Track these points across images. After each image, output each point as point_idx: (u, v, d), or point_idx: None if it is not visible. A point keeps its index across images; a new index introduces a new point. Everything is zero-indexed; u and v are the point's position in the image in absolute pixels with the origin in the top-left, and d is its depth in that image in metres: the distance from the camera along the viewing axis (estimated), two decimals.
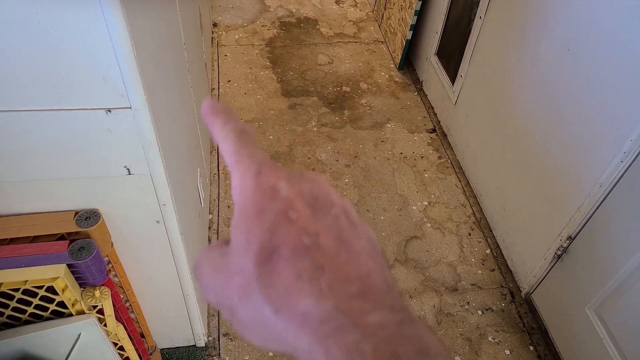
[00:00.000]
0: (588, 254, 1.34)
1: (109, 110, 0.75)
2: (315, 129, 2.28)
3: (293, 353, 0.22)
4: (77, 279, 0.90)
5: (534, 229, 1.59)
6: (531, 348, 1.55)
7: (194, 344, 1.44)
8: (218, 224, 1.79)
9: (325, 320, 0.21)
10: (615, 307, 1.24)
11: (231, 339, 1.48)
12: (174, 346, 1.44)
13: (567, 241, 1.39)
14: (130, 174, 0.86)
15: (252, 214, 0.23)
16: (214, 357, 1.43)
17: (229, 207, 1.86)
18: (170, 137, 1.00)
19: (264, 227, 0.23)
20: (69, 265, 0.86)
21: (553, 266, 1.48)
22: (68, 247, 0.86)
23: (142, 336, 1.27)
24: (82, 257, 0.85)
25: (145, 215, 0.97)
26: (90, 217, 0.90)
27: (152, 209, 0.96)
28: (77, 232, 0.89)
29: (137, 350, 1.19)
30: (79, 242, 0.87)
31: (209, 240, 1.73)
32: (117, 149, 0.82)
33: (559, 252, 1.42)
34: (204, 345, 1.45)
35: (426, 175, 2.11)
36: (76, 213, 0.91)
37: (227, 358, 1.44)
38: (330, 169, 2.08)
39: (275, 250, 0.22)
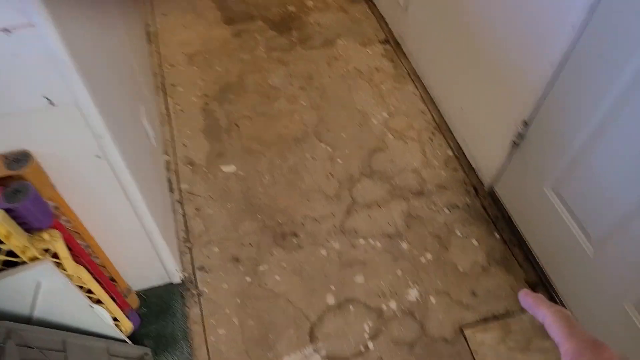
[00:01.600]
0: (542, 136, 1.35)
1: (8, 31, 0.68)
2: (264, 54, 2.18)
3: None
4: (21, 225, 0.86)
5: (491, 122, 1.60)
6: (496, 235, 1.61)
7: (169, 281, 1.44)
8: (177, 165, 1.74)
9: None
10: (570, 181, 1.28)
11: (207, 271, 1.48)
12: (150, 286, 1.43)
13: (523, 126, 1.40)
14: (53, 104, 0.80)
15: None
16: (192, 291, 1.44)
17: (185, 145, 1.80)
18: (94, 63, 0.93)
19: None
20: (8, 211, 0.81)
21: (511, 154, 1.50)
22: (2, 192, 0.81)
23: (113, 280, 1.26)
24: (18, 199, 0.80)
25: (82, 151, 0.91)
26: (20, 159, 0.84)
27: (87, 143, 0.90)
28: (9, 177, 0.84)
29: (108, 293, 1.17)
30: (14, 185, 0.82)
31: (169, 181, 1.68)
32: (30, 76, 0.75)
33: (515, 139, 1.44)
34: (181, 281, 1.45)
35: (383, 87, 2.07)
36: (5, 157, 0.85)
37: (206, 289, 1.45)
38: (285, 93, 2.02)
39: None
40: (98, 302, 1.12)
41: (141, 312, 1.38)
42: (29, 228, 0.87)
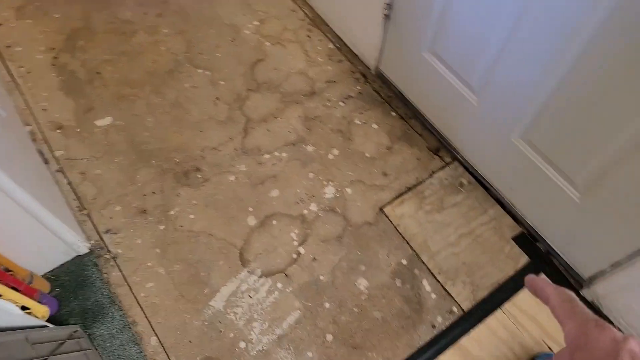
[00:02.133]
0: (409, 2, 1.35)
1: None
2: None
3: None
4: None
5: (359, 1, 1.56)
6: (393, 114, 1.65)
7: (76, 254, 1.33)
8: (43, 132, 1.54)
9: None
10: (442, 39, 1.30)
11: (115, 232, 1.38)
12: (58, 265, 1.31)
13: None
14: None
15: (600, 356, 0.33)
16: (105, 256, 1.34)
17: (45, 109, 1.58)
18: None
19: None
20: None
21: (386, 28, 1.49)
22: None
23: (8, 270, 1.13)
24: None
25: None
26: None
27: None
28: None
29: (6, 284, 1.05)
30: None
31: (40, 153, 1.49)
32: None
33: (385, 11, 1.42)
34: (89, 250, 1.34)
35: None
36: None
37: (120, 250, 1.36)
38: (142, 25, 1.82)
39: None
40: None
41: (56, 293, 1.27)
42: None
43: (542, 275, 0.43)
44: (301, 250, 1.39)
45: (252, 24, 1.85)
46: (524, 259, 1.39)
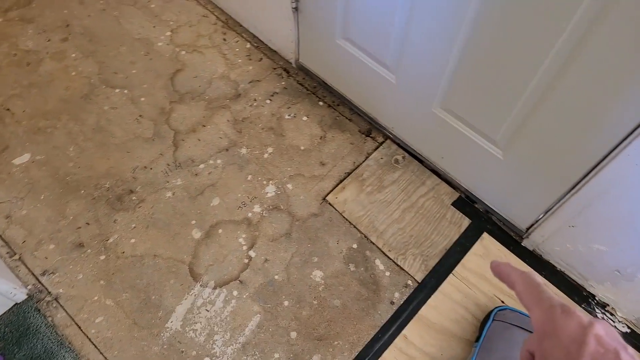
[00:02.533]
0: None
1: None
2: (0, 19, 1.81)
3: None
4: None
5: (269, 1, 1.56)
6: (320, 103, 1.66)
7: (14, 302, 1.25)
8: None
9: None
10: (351, 24, 1.32)
11: (53, 272, 1.31)
12: None
13: None
14: None
15: (567, 343, 0.33)
16: (46, 299, 1.28)
17: None
18: None
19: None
20: None
21: (297, 20, 1.49)
22: None
23: None
24: None
25: None
26: None
27: None
28: None
29: None
30: None
31: None
32: None
33: (293, 5, 1.43)
34: (27, 296, 1.27)
35: (152, 5, 1.88)
36: None
37: (61, 290, 1.29)
38: (47, 52, 1.72)
39: None
40: None
41: None
42: None
43: (508, 262, 0.41)
44: (251, 253, 1.38)
45: (164, 35, 1.80)
46: (466, 222, 1.44)
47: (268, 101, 1.66)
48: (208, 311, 1.29)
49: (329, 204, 1.46)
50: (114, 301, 1.28)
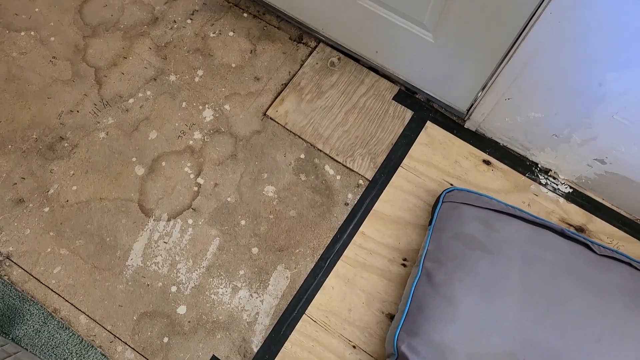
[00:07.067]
0: None
1: None
2: None
3: None
4: None
5: None
6: (245, 15, 1.56)
7: None
8: None
9: None
10: None
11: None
12: None
13: None
14: None
15: None
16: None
17: None
18: None
19: None
20: None
21: None
22: None
23: None
24: None
25: None
26: None
27: None
28: None
29: None
30: None
31: None
32: None
33: None
34: None
35: None
36: None
37: (10, 247, 1.26)
38: None
39: None
40: None
41: None
42: None
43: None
44: (200, 180, 1.36)
45: None
46: (409, 114, 1.44)
47: (189, 21, 1.55)
48: (166, 243, 1.29)
49: (270, 118, 1.43)
50: (68, 250, 1.26)
